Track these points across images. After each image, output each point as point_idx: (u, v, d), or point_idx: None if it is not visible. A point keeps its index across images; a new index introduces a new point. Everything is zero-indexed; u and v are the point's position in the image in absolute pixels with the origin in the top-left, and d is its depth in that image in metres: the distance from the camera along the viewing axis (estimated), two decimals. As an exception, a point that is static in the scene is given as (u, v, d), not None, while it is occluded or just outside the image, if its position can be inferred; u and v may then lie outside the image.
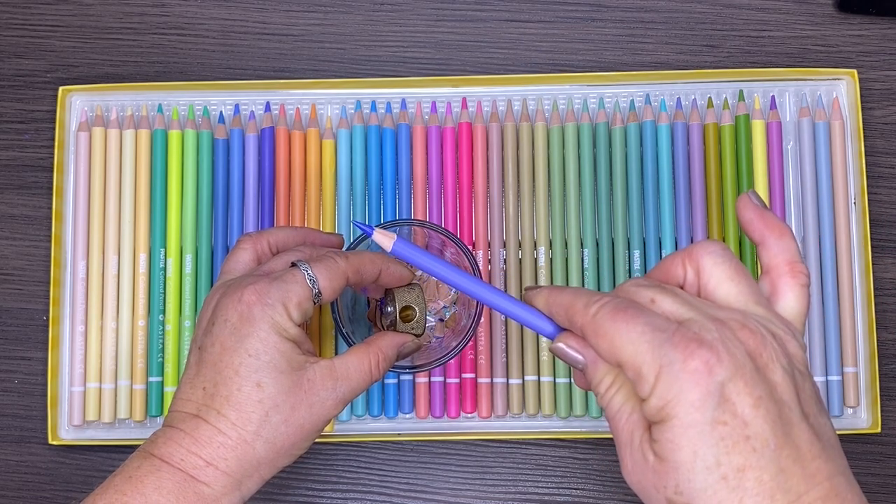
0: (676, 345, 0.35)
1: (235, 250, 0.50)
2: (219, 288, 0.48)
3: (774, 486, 0.34)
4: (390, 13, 0.66)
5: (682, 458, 0.35)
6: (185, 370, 0.47)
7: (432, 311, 0.58)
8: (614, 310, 0.37)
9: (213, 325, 0.46)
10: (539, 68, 0.65)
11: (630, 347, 0.36)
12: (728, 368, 0.34)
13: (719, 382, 0.34)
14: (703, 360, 0.34)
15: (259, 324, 0.45)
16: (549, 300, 0.41)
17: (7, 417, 0.62)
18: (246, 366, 0.45)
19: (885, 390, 0.61)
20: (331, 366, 0.47)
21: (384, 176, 0.62)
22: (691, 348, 0.34)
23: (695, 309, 0.37)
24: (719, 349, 0.34)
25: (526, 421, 0.61)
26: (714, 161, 0.62)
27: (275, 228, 0.52)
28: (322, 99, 0.64)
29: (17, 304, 0.63)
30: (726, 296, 0.38)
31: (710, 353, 0.34)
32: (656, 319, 0.36)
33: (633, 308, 0.36)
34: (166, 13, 0.66)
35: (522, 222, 0.62)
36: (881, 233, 0.63)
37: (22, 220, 0.64)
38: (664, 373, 0.35)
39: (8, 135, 0.65)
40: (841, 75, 0.63)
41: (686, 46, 0.65)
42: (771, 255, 0.39)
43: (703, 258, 0.38)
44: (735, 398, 0.34)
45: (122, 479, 0.44)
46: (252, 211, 0.62)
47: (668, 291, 0.38)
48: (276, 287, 0.46)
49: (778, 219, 0.40)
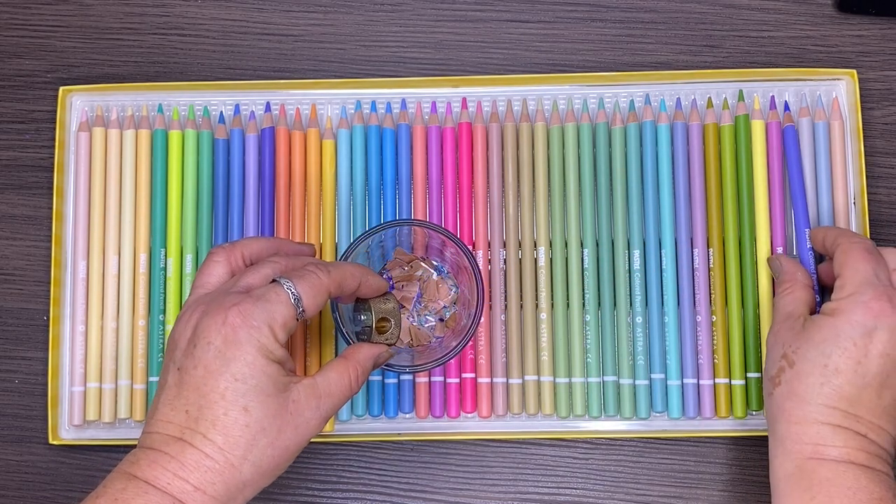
0: (875, 290, 0.50)
1: (208, 263, 0.50)
2: (196, 305, 0.47)
3: (843, 395, 0.49)
4: (390, 13, 0.66)
5: (815, 339, 0.50)
6: (162, 390, 0.46)
7: (432, 311, 0.58)
8: (867, 250, 0.52)
9: (195, 347, 0.45)
10: (539, 68, 0.65)
11: (855, 274, 0.51)
12: (887, 323, 0.49)
13: (874, 326, 0.49)
14: (880, 307, 0.49)
15: (245, 347, 0.44)
16: (825, 232, 0.56)
17: (7, 417, 0.63)
18: (233, 390, 0.44)
19: (885, 390, 0.61)
20: (313, 384, 0.47)
21: (384, 176, 0.62)
22: (881, 297, 0.50)
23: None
24: (892, 311, 0.49)
25: (526, 421, 0.61)
26: (714, 161, 0.62)
27: (247, 239, 0.51)
28: (322, 99, 0.64)
29: (18, 304, 0.63)
30: None
31: (887, 307, 0.49)
32: (882, 273, 0.51)
33: (875, 256, 0.52)
34: (166, 13, 0.66)
35: (522, 222, 0.62)
36: (881, 233, 0.63)
37: (22, 220, 0.64)
38: (857, 296, 0.50)
39: (8, 135, 0.65)
40: (841, 75, 0.63)
41: (686, 46, 0.65)
42: None
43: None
44: (876, 340, 0.49)
45: (107, 501, 0.43)
46: (252, 211, 0.62)
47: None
48: (260, 308, 0.45)
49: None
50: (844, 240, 0.53)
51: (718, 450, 0.61)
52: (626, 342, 0.60)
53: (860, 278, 0.50)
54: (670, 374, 0.60)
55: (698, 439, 0.61)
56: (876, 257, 0.51)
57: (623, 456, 0.61)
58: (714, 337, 0.61)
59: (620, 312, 0.61)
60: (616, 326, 0.61)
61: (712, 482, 0.61)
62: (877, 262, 0.51)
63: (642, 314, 0.61)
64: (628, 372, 0.60)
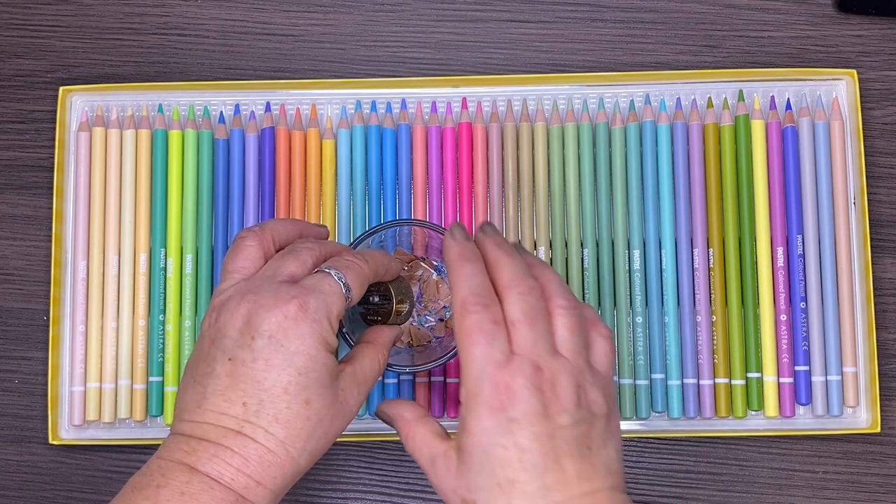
0: (492, 381, 0.42)
1: (241, 247, 0.48)
2: (242, 294, 0.46)
3: (537, 495, 0.42)
4: (390, 13, 0.66)
5: (474, 468, 0.43)
6: (209, 379, 0.45)
7: (433, 311, 0.58)
8: (479, 328, 0.43)
9: (254, 339, 0.44)
10: (539, 68, 0.65)
11: (468, 368, 0.43)
12: (519, 409, 0.42)
13: (508, 419, 0.42)
14: (501, 401, 0.42)
15: (308, 341, 0.44)
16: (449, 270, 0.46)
17: (7, 417, 0.63)
18: (296, 384, 0.44)
19: (885, 390, 0.61)
20: (354, 372, 0.47)
21: (384, 176, 0.62)
22: (499, 387, 0.42)
23: (536, 346, 0.43)
24: (518, 396, 0.42)
25: (526, 421, 0.61)
26: (714, 161, 0.62)
27: (272, 221, 0.51)
28: (322, 99, 0.64)
29: (18, 304, 0.63)
30: (561, 343, 0.44)
31: (510, 395, 0.42)
32: (499, 341, 0.43)
33: (488, 331, 0.43)
34: (166, 13, 0.66)
35: (522, 222, 0.62)
36: (881, 233, 0.63)
37: (22, 220, 0.64)
38: (477, 398, 0.43)
39: (8, 135, 0.65)
40: (841, 75, 0.63)
41: (686, 46, 0.65)
42: (586, 312, 0.46)
43: (556, 297, 0.45)
44: (517, 432, 0.42)
45: (173, 494, 0.43)
46: (252, 211, 0.62)
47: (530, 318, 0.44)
48: (320, 300, 0.45)
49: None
50: (458, 306, 0.44)
51: (718, 450, 0.61)
52: (626, 342, 0.60)
53: (474, 373, 0.43)
54: (670, 374, 0.60)
55: (698, 439, 0.61)
56: (489, 332, 0.43)
57: (623, 456, 0.61)
58: (714, 337, 0.61)
59: (620, 312, 0.61)
60: (616, 326, 0.61)
61: (712, 482, 0.61)
62: (492, 336, 0.43)
63: (642, 314, 0.61)
64: (628, 372, 0.60)
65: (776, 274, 0.61)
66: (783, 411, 0.60)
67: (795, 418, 0.61)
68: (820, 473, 0.61)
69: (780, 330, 0.61)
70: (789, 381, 0.60)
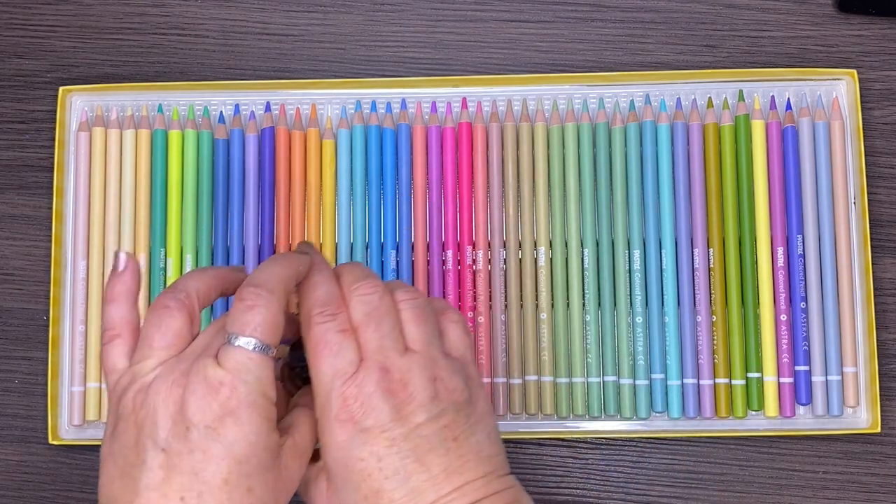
0: (340, 396, 0.42)
1: (162, 318, 0.43)
2: (173, 378, 0.41)
3: (406, 500, 0.41)
4: (390, 13, 0.66)
5: (342, 488, 0.42)
6: (141, 472, 0.41)
7: None
8: (326, 343, 0.42)
9: (188, 430, 0.40)
10: (539, 68, 0.65)
11: (318, 384, 0.42)
12: (370, 418, 0.41)
13: (360, 430, 0.41)
14: (350, 413, 0.41)
15: (246, 427, 0.41)
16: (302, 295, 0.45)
17: (7, 417, 0.63)
18: (237, 473, 0.41)
19: (885, 390, 0.61)
20: (295, 444, 0.44)
21: (384, 176, 0.62)
22: (347, 399, 0.42)
23: (382, 347, 0.42)
24: (367, 404, 0.41)
25: (526, 421, 0.61)
26: (714, 161, 0.62)
27: (189, 279, 0.45)
28: (322, 99, 0.64)
29: (18, 304, 0.63)
30: (410, 338, 0.43)
31: (360, 407, 0.41)
32: (348, 352, 0.42)
33: (337, 344, 0.42)
34: (166, 13, 0.66)
35: (522, 222, 0.62)
36: (881, 233, 0.63)
37: (22, 220, 0.64)
38: (327, 415, 0.42)
39: (8, 135, 0.65)
40: (841, 75, 0.63)
41: (686, 46, 0.65)
42: (434, 303, 0.46)
43: (397, 292, 0.44)
44: (372, 441, 0.41)
45: None
46: (252, 211, 0.62)
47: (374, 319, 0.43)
48: (250, 379, 0.41)
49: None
50: (304, 320, 0.43)
51: (718, 450, 0.61)
52: (627, 342, 0.60)
53: (324, 389, 0.42)
54: (670, 374, 0.60)
55: (698, 439, 0.61)
56: (335, 342, 0.42)
57: (623, 456, 0.61)
58: (714, 337, 0.61)
59: (620, 312, 0.61)
60: (616, 326, 0.61)
61: (712, 482, 0.61)
62: (338, 346, 0.42)
63: (642, 314, 0.61)
64: (628, 372, 0.60)
65: (776, 274, 0.61)
66: (783, 411, 0.60)
67: (795, 418, 0.61)
68: (820, 473, 0.61)
69: (780, 330, 0.61)
70: (789, 381, 0.60)
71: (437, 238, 0.62)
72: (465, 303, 0.61)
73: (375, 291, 0.43)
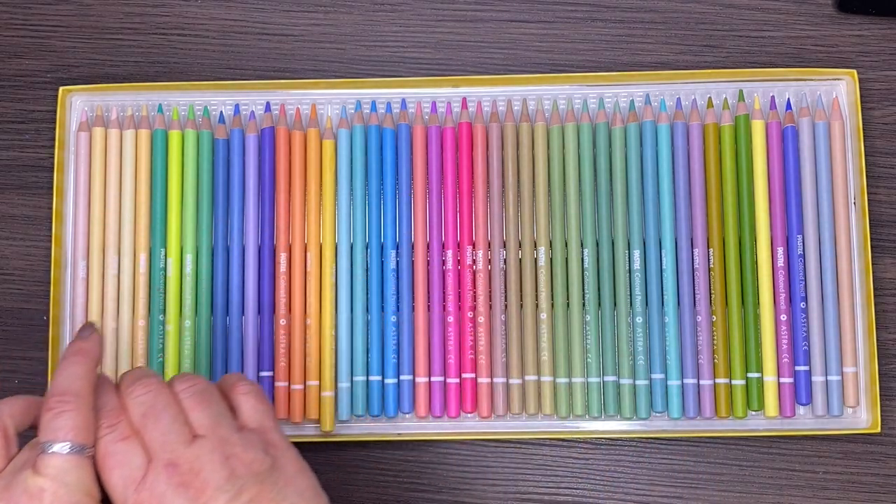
0: (135, 503, 0.41)
1: None
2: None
3: None
4: (390, 13, 0.66)
5: None
6: None
7: None
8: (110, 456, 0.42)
9: None
10: (539, 68, 0.65)
11: (114, 494, 0.42)
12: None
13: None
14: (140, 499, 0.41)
15: None
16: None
17: (7, 417, 0.62)
18: None
19: (885, 390, 0.61)
20: None
21: (384, 176, 0.62)
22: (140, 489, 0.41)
23: (166, 443, 0.42)
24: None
25: (526, 421, 0.61)
26: (714, 161, 0.62)
27: (3, 402, 0.45)
28: (322, 99, 0.64)
29: (17, 304, 0.63)
30: (196, 424, 0.43)
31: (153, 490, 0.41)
32: (129, 470, 0.42)
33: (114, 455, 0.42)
34: (166, 13, 0.66)
35: (522, 222, 0.62)
36: (881, 233, 0.63)
37: (22, 220, 0.64)
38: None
39: (8, 135, 0.65)
40: (841, 75, 0.63)
41: (686, 46, 0.65)
42: (223, 381, 0.47)
43: (175, 383, 0.44)
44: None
45: None
46: (252, 211, 0.62)
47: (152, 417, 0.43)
48: (70, 481, 0.41)
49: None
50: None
51: (718, 450, 0.61)
52: (627, 342, 0.60)
53: (120, 501, 0.42)
54: (670, 374, 0.60)
55: (698, 439, 0.61)
56: (120, 452, 0.42)
57: (623, 456, 0.61)
58: (714, 337, 0.61)
59: (620, 312, 0.61)
60: (616, 326, 0.61)
61: (712, 482, 0.61)
62: (123, 455, 0.42)
63: (642, 314, 0.61)
64: (628, 372, 0.60)
65: (776, 274, 0.61)
66: (783, 411, 0.60)
67: (795, 418, 0.61)
68: (820, 473, 0.61)
69: (780, 330, 0.61)
70: (789, 382, 0.60)
71: (437, 238, 0.62)
72: (464, 303, 0.61)
73: (149, 390, 0.43)
